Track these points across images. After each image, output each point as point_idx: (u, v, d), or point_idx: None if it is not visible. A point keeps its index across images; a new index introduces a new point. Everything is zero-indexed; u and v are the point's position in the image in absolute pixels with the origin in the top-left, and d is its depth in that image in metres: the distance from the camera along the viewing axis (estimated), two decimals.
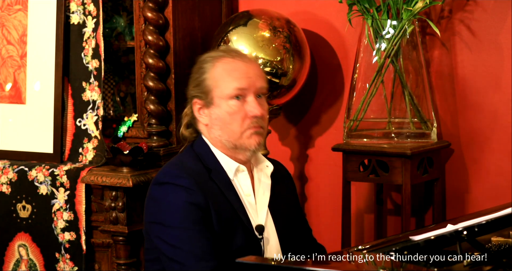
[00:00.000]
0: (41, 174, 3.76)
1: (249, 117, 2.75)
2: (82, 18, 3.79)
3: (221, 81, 2.76)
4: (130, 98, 4.06)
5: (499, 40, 3.62)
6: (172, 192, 2.70)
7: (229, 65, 2.77)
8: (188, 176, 2.71)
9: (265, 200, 2.83)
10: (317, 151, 4.00)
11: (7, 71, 3.96)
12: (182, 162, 2.80)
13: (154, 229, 2.72)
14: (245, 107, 2.75)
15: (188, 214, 2.67)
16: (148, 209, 2.77)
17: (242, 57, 2.81)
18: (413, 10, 3.49)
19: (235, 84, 2.74)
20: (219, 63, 2.78)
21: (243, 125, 2.75)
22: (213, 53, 2.86)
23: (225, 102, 2.75)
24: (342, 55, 3.91)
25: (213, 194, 2.72)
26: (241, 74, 2.76)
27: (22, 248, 3.84)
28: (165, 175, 2.75)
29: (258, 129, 2.76)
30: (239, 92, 2.74)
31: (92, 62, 3.76)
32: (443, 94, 3.74)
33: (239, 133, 2.76)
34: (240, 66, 2.77)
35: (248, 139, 2.76)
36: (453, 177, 3.75)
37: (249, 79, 2.76)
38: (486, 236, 2.50)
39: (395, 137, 3.60)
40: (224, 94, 2.75)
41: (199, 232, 2.66)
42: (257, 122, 2.76)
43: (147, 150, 3.61)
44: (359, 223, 3.95)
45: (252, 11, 3.76)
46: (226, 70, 2.76)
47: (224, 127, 2.76)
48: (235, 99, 2.74)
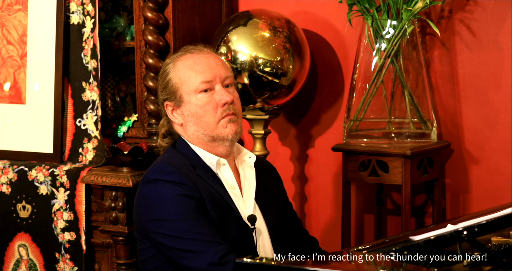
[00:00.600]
0: (41, 174, 3.76)
1: (221, 106, 2.79)
2: (81, 18, 3.79)
3: (186, 77, 2.81)
4: (130, 98, 4.06)
5: (499, 40, 3.62)
6: (162, 188, 2.72)
7: (189, 60, 2.82)
8: (177, 169, 2.74)
9: (252, 191, 2.86)
10: (317, 151, 4.00)
11: (7, 71, 3.96)
12: (168, 158, 2.83)
13: (152, 226, 2.72)
14: (215, 97, 2.79)
15: (183, 204, 2.69)
16: (141, 208, 2.78)
17: (201, 50, 2.85)
18: (413, 10, 3.49)
19: (199, 78, 2.79)
20: (179, 61, 2.83)
21: (216, 115, 2.79)
22: (174, 55, 2.90)
23: (194, 97, 2.80)
24: (342, 55, 3.91)
25: (203, 186, 2.74)
26: (203, 67, 2.81)
27: (22, 248, 3.84)
28: (153, 172, 2.78)
29: (231, 116, 2.81)
30: (205, 85, 2.79)
31: (91, 62, 3.76)
32: (443, 94, 3.74)
33: (214, 124, 2.80)
34: (201, 59, 2.82)
35: (224, 128, 2.80)
36: (453, 177, 3.75)
37: (212, 70, 2.81)
38: (486, 236, 2.50)
39: (395, 137, 3.60)
40: (191, 89, 2.80)
41: (199, 219, 2.68)
42: (229, 109, 2.80)
43: (147, 150, 3.61)
44: (359, 223, 3.95)
45: (252, 11, 3.76)
46: (188, 66, 2.81)
47: (198, 122, 2.80)
48: (203, 92, 2.79)
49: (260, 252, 2.78)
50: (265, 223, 2.84)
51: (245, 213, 2.80)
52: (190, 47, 2.90)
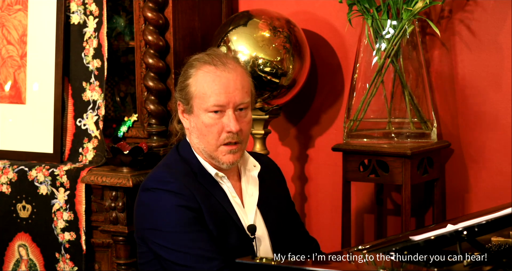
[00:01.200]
0: (41, 174, 3.76)
1: (226, 131, 2.72)
2: (82, 18, 3.79)
3: (201, 93, 2.73)
4: (130, 98, 4.06)
5: (499, 40, 3.62)
6: (161, 197, 2.70)
7: (210, 76, 2.72)
8: (176, 180, 2.71)
9: (254, 200, 2.82)
10: (317, 151, 4.00)
11: (7, 71, 3.96)
12: (169, 165, 2.79)
13: (149, 235, 2.72)
14: (223, 120, 2.72)
15: (181, 216, 2.66)
16: (140, 215, 2.77)
17: (226, 66, 2.74)
18: (413, 10, 3.49)
19: (213, 100, 2.71)
20: (201, 71, 2.74)
21: (219, 139, 2.73)
22: (200, 57, 2.79)
23: (203, 113, 2.73)
24: (342, 55, 3.91)
25: (202, 195, 2.72)
26: (220, 88, 2.71)
27: (22, 248, 3.84)
28: (152, 180, 2.74)
29: (233, 147, 2.74)
30: (216, 108, 2.71)
31: (93, 62, 3.76)
32: (443, 94, 3.74)
33: (215, 146, 2.74)
34: (221, 79, 2.72)
35: (223, 155, 2.75)
36: (453, 177, 3.75)
37: (228, 94, 2.71)
38: (486, 236, 2.50)
39: (395, 136, 3.60)
40: (203, 107, 2.73)
41: (195, 232, 2.66)
42: (232, 137, 2.73)
43: (147, 150, 3.61)
44: (359, 223, 3.95)
45: (252, 11, 3.76)
46: (207, 82, 2.72)
47: (201, 137, 2.75)
48: (213, 112, 2.72)
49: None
50: (266, 229, 2.82)
51: (246, 222, 2.77)
52: (218, 55, 2.77)
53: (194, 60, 2.79)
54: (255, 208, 2.81)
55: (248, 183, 2.85)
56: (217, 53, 2.78)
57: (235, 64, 2.77)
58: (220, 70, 2.73)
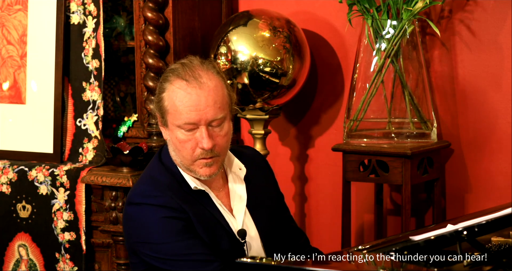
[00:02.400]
0: (41, 174, 3.76)
1: (199, 147, 2.68)
2: (82, 18, 3.79)
3: (173, 109, 2.67)
4: (130, 98, 4.06)
5: (499, 40, 3.62)
6: (148, 211, 2.67)
7: (181, 92, 2.66)
8: (162, 193, 2.68)
9: (242, 204, 2.80)
10: (317, 151, 4.00)
11: (7, 71, 3.96)
12: (153, 177, 2.75)
13: (141, 248, 2.69)
14: (196, 137, 2.67)
15: (169, 227, 2.64)
16: (128, 229, 2.74)
17: (198, 81, 2.66)
18: (413, 10, 3.49)
19: (184, 119, 2.65)
20: (173, 86, 2.67)
21: (194, 155, 2.69)
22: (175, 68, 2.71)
23: (176, 129, 2.68)
24: (342, 55, 3.91)
25: (190, 205, 2.69)
26: (191, 106, 2.65)
27: (22, 248, 3.84)
28: (138, 195, 2.71)
29: (208, 161, 2.69)
30: (188, 126, 2.66)
31: (93, 62, 3.76)
32: (443, 94, 3.74)
33: (190, 161, 2.70)
34: (191, 96, 2.65)
35: (199, 168, 2.70)
36: (453, 177, 3.75)
37: (200, 112, 2.65)
38: (486, 236, 2.50)
39: (395, 137, 3.60)
40: (175, 123, 2.68)
41: (187, 239, 2.64)
42: (207, 153, 2.68)
43: (147, 150, 3.61)
44: (359, 223, 3.95)
45: (252, 11, 3.76)
46: (178, 99, 2.66)
47: (177, 151, 2.72)
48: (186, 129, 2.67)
49: None
50: (257, 230, 2.80)
51: (235, 226, 2.75)
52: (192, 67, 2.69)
53: (169, 71, 2.73)
54: (243, 211, 2.79)
55: (235, 187, 2.81)
56: (192, 65, 2.70)
57: (209, 77, 2.69)
58: (191, 87, 2.66)
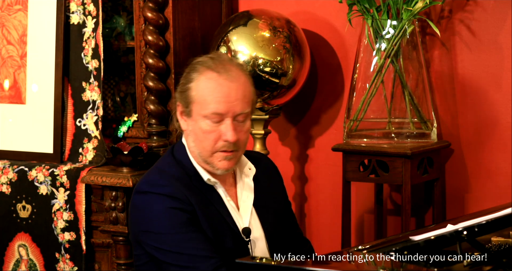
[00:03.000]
0: (41, 174, 3.76)
1: (222, 140, 2.70)
2: (82, 18, 3.79)
3: (201, 98, 2.68)
4: (130, 98, 4.06)
5: (499, 40, 3.62)
6: (154, 201, 2.68)
7: (212, 82, 2.68)
8: (169, 183, 2.69)
9: (249, 203, 2.81)
10: (317, 151, 4.00)
11: (7, 71, 3.96)
12: (162, 169, 2.76)
13: (144, 238, 2.71)
14: (221, 128, 2.69)
15: (173, 218, 2.65)
16: (133, 218, 2.75)
17: (229, 74, 2.69)
18: (413, 10, 3.49)
19: (213, 108, 2.67)
20: (203, 76, 2.69)
21: (215, 146, 2.70)
22: (204, 60, 2.74)
23: (201, 119, 2.70)
24: (342, 55, 3.91)
25: (197, 199, 2.70)
26: (221, 97, 2.67)
27: (22, 248, 3.84)
28: (146, 184, 2.72)
29: (229, 154, 2.71)
30: (215, 116, 2.68)
31: (92, 62, 3.76)
32: (443, 94, 3.74)
33: (210, 152, 2.71)
34: (223, 87, 2.67)
35: (218, 161, 2.72)
36: (453, 177, 3.75)
37: (229, 104, 2.67)
38: (486, 236, 2.50)
39: (395, 137, 3.60)
40: (202, 113, 2.69)
41: (190, 232, 2.65)
42: (229, 146, 2.70)
43: (147, 150, 3.61)
44: (359, 223, 3.95)
45: (252, 11, 3.76)
46: (208, 89, 2.68)
47: (198, 142, 2.73)
48: (212, 120, 2.69)
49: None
50: (263, 230, 2.81)
51: (241, 224, 2.76)
52: (222, 61, 2.72)
53: (197, 63, 2.75)
54: (250, 210, 2.80)
55: (244, 186, 2.83)
56: (222, 59, 2.74)
57: (239, 72, 2.72)
58: (223, 78, 2.68)
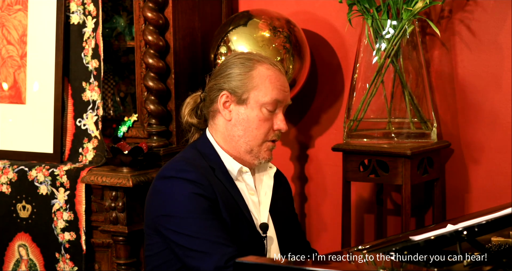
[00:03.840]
0: (41, 174, 3.76)
1: (274, 129, 2.80)
2: (82, 18, 3.79)
3: (263, 86, 2.77)
4: (130, 98, 4.06)
5: (499, 40, 3.62)
6: (177, 185, 2.71)
7: (271, 71, 2.79)
8: (194, 169, 2.72)
9: (267, 200, 2.85)
10: (317, 151, 4.00)
11: (7, 71, 3.96)
12: (187, 157, 2.80)
13: (163, 222, 2.72)
14: (274, 119, 2.79)
15: (196, 203, 2.68)
16: (154, 203, 2.77)
17: (279, 67, 2.82)
18: (413, 10, 3.49)
19: (275, 95, 2.77)
20: (262, 67, 2.79)
21: (267, 135, 2.80)
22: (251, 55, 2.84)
23: (259, 107, 2.77)
24: (342, 55, 3.91)
25: (219, 189, 2.74)
26: (281, 86, 2.79)
27: (22, 248, 3.84)
28: (170, 169, 2.76)
29: (274, 145, 2.83)
30: (275, 104, 2.78)
31: (92, 62, 3.76)
32: (443, 94, 3.74)
33: (260, 141, 2.79)
34: (281, 78, 2.81)
35: (264, 150, 2.81)
36: (453, 177, 3.75)
37: (285, 93, 2.81)
38: (486, 236, 2.50)
39: (395, 137, 3.60)
40: (262, 100, 2.77)
41: (211, 220, 2.67)
42: (278, 136, 2.82)
43: (147, 150, 3.61)
44: (359, 223, 3.95)
45: (252, 11, 3.76)
46: (270, 78, 2.78)
47: (249, 130, 2.78)
48: (268, 109, 2.77)
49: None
50: (275, 232, 2.84)
51: (259, 220, 2.80)
52: (270, 59, 2.85)
53: (247, 56, 2.83)
54: (268, 206, 2.84)
55: (263, 182, 2.88)
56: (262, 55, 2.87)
57: (283, 68, 2.86)
58: (278, 71, 2.81)
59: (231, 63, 2.82)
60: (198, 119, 2.90)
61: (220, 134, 2.82)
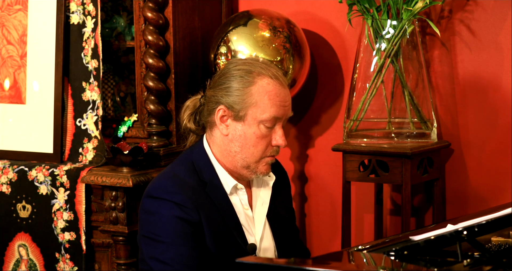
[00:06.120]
0: (41, 174, 3.76)
1: (272, 145, 2.74)
2: (81, 18, 3.79)
3: (262, 103, 2.70)
4: (130, 98, 4.06)
5: (499, 40, 3.62)
6: (164, 207, 2.68)
7: (271, 87, 2.71)
8: (181, 190, 2.68)
9: (263, 211, 2.82)
10: (317, 151, 4.00)
11: (7, 71, 3.96)
12: (176, 174, 2.76)
13: (143, 242, 2.71)
14: (272, 135, 2.74)
15: (178, 228, 2.65)
16: (140, 221, 2.76)
17: (280, 80, 2.74)
18: (413, 10, 3.49)
19: (273, 112, 2.71)
20: (261, 80, 2.71)
21: (265, 152, 2.75)
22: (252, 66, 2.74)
23: (257, 124, 2.71)
24: (342, 55, 3.91)
25: (207, 209, 2.70)
26: (280, 102, 2.72)
27: (22, 248, 3.84)
28: (157, 189, 2.72)
29: (272, 159, 2.77)
30: (274, 121, 2.72)
31: (92, 62, 3.76)
32: (443, 94, 3.74)
33: (258, 158, 2.74)
34: (281, 93, 2.72)
35: (263, 165, 2.76)
36: (453, 177, 3.75)
37: (285, 108, 2.74)
38: (486, 236, 2.50)
39: (395, 137, 3.60)
40: (260, 117, 2.70)
41: (189, 247, 2.64)
42: (277, 151, 2.77)
43: (147, 150, 3.61)
44: (359, 223, 3.95)
45: (252, 11, 3.76)
46: (269, 94, 2.71)
47: (246, 147, 2.73)
48: (266, 125, 2.72)
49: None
50: (273, 241, 2.82)
51: (252, 234, 2.77)
52: (272, 70, 2.75)
53: (249, 65, 2.75)
54: (264, 220, 2.81)
55: (259, 192, 2.84)
56: (268, 65, 2.77)
57: (284, 77, 2.79)
58: (278, 83, 2.73)
59: (231, 75, 2.74)
60: (196, 126, 2.85)
61: (217, 147, 2.78)
